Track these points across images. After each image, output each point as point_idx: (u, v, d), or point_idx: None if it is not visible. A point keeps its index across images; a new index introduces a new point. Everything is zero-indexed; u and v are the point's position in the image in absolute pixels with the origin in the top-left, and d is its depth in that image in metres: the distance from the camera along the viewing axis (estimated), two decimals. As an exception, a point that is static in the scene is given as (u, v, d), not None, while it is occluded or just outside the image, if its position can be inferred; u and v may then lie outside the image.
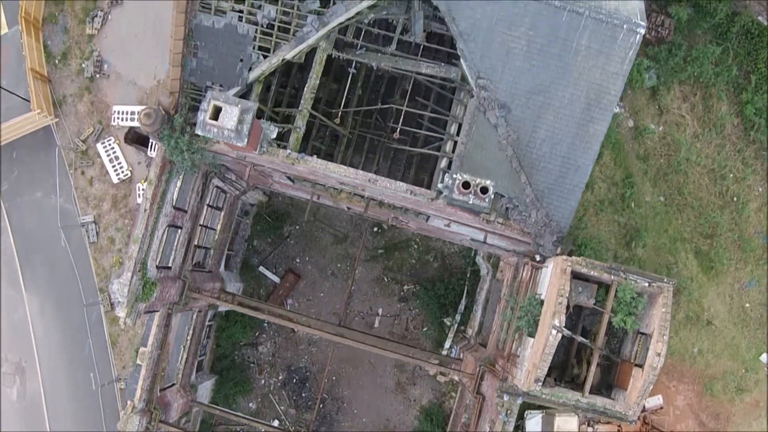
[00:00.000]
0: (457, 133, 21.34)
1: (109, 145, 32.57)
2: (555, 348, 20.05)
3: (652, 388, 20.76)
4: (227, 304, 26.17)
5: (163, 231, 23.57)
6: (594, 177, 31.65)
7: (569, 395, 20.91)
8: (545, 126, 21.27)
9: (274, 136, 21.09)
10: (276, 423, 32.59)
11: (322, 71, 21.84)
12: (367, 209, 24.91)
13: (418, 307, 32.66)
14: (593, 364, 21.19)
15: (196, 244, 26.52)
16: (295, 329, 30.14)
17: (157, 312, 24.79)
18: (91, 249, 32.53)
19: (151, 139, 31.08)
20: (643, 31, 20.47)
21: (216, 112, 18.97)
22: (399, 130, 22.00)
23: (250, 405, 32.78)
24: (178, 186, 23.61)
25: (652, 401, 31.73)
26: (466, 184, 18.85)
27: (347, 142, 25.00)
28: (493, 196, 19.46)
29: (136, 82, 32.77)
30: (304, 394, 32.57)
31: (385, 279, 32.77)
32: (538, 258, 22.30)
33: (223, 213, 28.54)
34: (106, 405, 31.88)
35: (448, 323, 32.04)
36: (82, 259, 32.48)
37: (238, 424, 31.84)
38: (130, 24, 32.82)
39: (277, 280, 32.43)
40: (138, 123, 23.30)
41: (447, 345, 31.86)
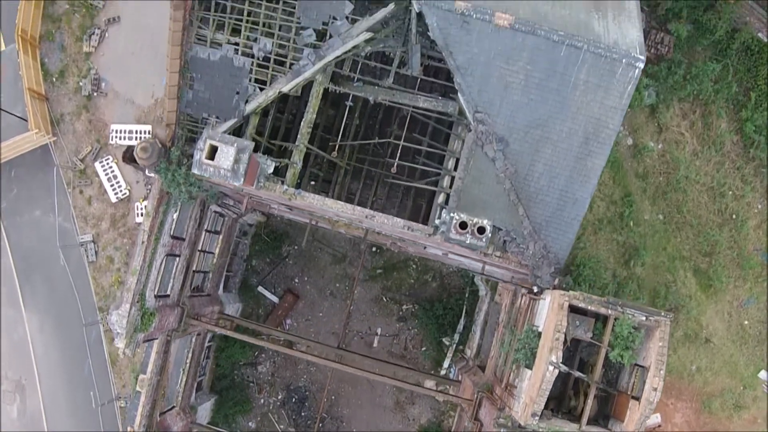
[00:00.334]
0: (455, 168, 21.24)
1: (107, 164, 32.48)
2: (552, 383, 20.13)
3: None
4: (226, 331, 26.20)
5: (161, 261, 23.57)
6: (593, 196, 31.48)
7: (567, 428, 20.98)
8: (543, 159, 21.18)
9: (271, 171, 21.02)
10: (276, 442, 32.75)
11: (318, 105, 21.73)
12: (366, 236, 24.89)
13: (417, 326, 32.66)
14: (590, 397, 21.29)
15: (194, 269, 26.53)
16: (297, 356, 30.04)
17: (156, 339, 24.85)
18: (90, 268, 32.51)
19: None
20: (642, 65, 20.33)
21: (212, 152, 18.91)
22: (396, 165, 21.88)
23: (250, 424, 32.86)
24: (175, 216, 23.59)
25: (651, 419, 31.79)
26: (464, 225, 18.80)
27: (344, 171, 24.91)
28: (490, 235, 19.40)
29: (134, 101, 32.62)
30: (303, 414, 32.65)
31: (384, 299, 32.75)
32: (535, 289, 22.29)
33: (221, 236, 28.51)
34: (106, 423, 31.97)
35: (446, 343, 32.06)
36: (81, 278, 32.46)
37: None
38: (127, 41, 32.61)
39: (276, 299, 32.43)
40: (135, 145, 23.21)
41: (446, 364, 31.91)
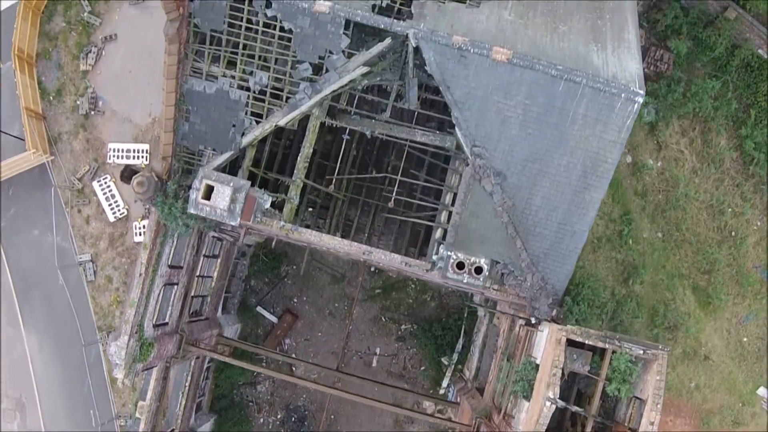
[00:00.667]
0: (452, 203, 21.17)
1: (105, 183, 32.35)
2: (549, 418, 20.18)
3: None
4: (224, 357, 26.23)
5: (159, 291, 23.58)
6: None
7: (564, 460, 21.10)
8: (541, 193, 21.10)
9: (267, 206, 20.95)
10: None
11: (315, 138, 21.63)
12: (364, 262, 24.87)
13: (416, 346, 32.70)
14: (588, 429, 21.34)
15: (192, 294, 26.53)
16: (295, 381, 30.08)
17: (155, 367, 24.90)
18: (89, 288, 32.45)
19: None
20: (641, 99, 20.23)
21: (208, 192, 18.87)
22: (393, 199, 21.82)
23: (250, 444, 33.04)
24: (173, 246, 23.57)
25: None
26: (461, 265, 18.75)
27: (342, 201, 24.84)
28: (487, 274, 19.35)
29: (132, 119, 32.42)
30: (302, 432, 32.83)
31: (383, 318, 32.77)
32: (533, 321, 22.29)
33: (219, 260, 28.49)
34: (107, 442, 32.12)
35: (445, 362, 32.10)
36: (80, 298, 32.40)
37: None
38: (125, 59, 32.37)
39: (274, 320, 32.45)
40: (132, 179, 23.18)
41: (444, 384, 31.97)
